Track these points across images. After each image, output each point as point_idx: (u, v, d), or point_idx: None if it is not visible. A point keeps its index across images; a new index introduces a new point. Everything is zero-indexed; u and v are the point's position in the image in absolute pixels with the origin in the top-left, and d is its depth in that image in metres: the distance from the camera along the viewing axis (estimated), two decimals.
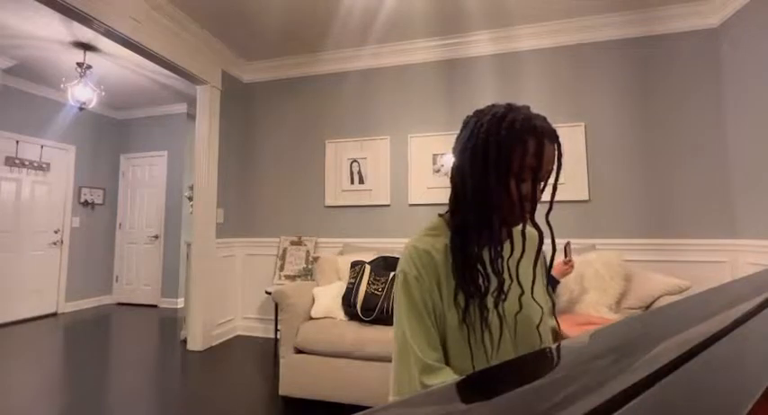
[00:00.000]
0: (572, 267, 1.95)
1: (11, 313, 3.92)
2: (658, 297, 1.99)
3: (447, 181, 3.02)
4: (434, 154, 3.10)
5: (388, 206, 3.19)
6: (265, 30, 3.03)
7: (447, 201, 0.82)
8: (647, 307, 2.01)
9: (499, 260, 0.73)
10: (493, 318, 0.73)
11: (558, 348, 0.43)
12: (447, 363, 0.74)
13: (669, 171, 2.67)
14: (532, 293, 0.78)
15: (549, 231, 0.73)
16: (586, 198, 2.76)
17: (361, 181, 3.27)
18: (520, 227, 0.77)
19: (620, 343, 0.39)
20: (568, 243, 1.99)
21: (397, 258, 2.44)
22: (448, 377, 0.70)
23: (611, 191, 2.75)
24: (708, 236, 2.57)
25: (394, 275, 2.22)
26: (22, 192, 4.13)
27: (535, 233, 0.75)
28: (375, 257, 2.51)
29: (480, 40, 3.04)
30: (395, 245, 2.95)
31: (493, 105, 0.76)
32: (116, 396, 2.26)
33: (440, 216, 0.83)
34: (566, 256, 1.95)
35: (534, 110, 0.75)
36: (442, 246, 0.76)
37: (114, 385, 2.42)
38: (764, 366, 0.30)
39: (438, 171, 3.07)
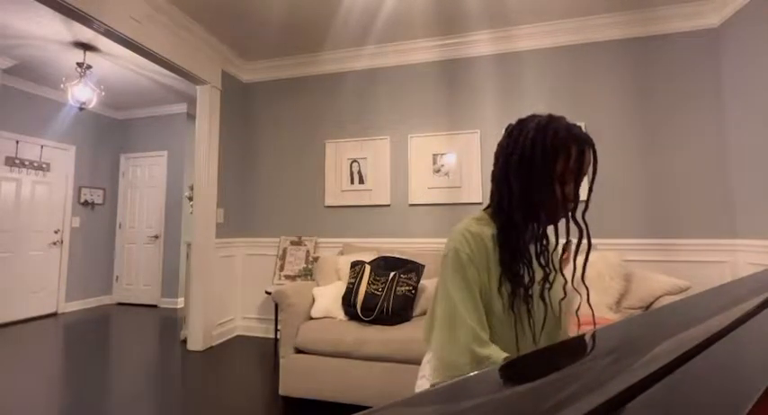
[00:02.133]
0: (567, 262, 1.96)
1: (11, 313, 3.92)
2: (658, 297, 1.99)
3: (447, 181, 3.05)
4: (434, 154, 3.09)
5: (388, 206, 3.19)
6: (265, 30, 3.03)
7: (447, 201, 0.88)
8: (647, 307, 2.01)
9: (545, 254, 0.81)
10: (538, 305, 0.79)
11: (559, 347, 0.43)
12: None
13: (669, 170, 2.67)
14: (573, 282, 0.85)
15: (585, 228, 0.80)
16: (586, 198, 2.76)
17: (361, 181, 3.27)
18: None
19: (620, 343, 0.39)
20: (568, 242, 2.00)
21: (398, 258, 2.45)
22: (495, 351, 0.74)
23: (611, 191, 2.75)
24: (708, 236, 2.57)
25: (394, 274, 2.23)
26: (22, 192, 4.12)
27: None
28: (375, 257, 2.51)
29: (480, 40, 3.04)
30: (395, 245, 2.95)
31: (534, 115, 0.83)
32: (116, 396, 2.26)
33: (484, 210, 0.90)
34: (563, 253, 1.95)
35: (534, 110, 0.82)
36: (489, 234, 0.83)
37: (114, 385, 2.42)
38: (764, 366, 0.30)
39: (438, 171, 3.07)
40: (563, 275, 0.84)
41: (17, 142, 4.08)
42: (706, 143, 2.62)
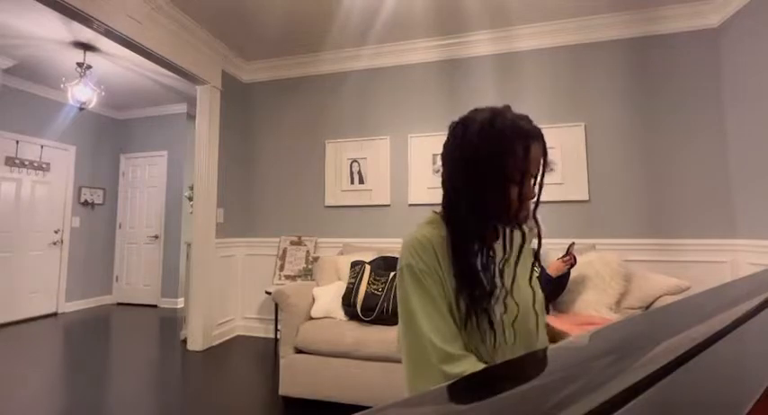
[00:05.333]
0: (566, 263, 1.94)
1: (11, 313, 3.92)
2: (658, 297, 1.99)
3: None
4: (434, 154, 3.09)
5: (388, 206, 3.18)
6: (265, 31, 3.03)
7: None
8: (647, 307, 2.01)
9: (490, 263, 0.76)
10: (489, 316, 0.74)
11: (558, 348, 0.43)
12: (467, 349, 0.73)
13: (669, 170, 2.67)
14: (512, 289, 0.79)
15: (536, 226, 0.77)
16: (586, 198, 2.76)
17: (361, 181, 3.27)
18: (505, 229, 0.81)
19: (620, 343, 0.39)
20: (572, 244, 1.99)
21: (398, 258, 2.45)
22: (469, 365, 0.69)
23: (611, 191, 2.75)
24: (708, 236, 2.57)
25: (394, 274, 2.23)
26: (22, 192, 4.12)
27: (521, 232, 0.79)
28: (375, 257, 2.51)
29: (480, 40, 3.04)
30: (395, 245, 2.95)
31: (476, 110, 0.78)
32: (116, 396, 2.27)
33: (434, 212, 0.84)
34: (566, 254, 1.95)
35: (534, 110, 0.78)
36: (440, 239, 0.77)
37: (114, 385, 2.42)
38: (764, 366, 0.30)
39: (438, 171, 3.06)
40: (513, 282, 0.79)
41: (17, 142, 4.08)
42: (706, 143, 2.62)
